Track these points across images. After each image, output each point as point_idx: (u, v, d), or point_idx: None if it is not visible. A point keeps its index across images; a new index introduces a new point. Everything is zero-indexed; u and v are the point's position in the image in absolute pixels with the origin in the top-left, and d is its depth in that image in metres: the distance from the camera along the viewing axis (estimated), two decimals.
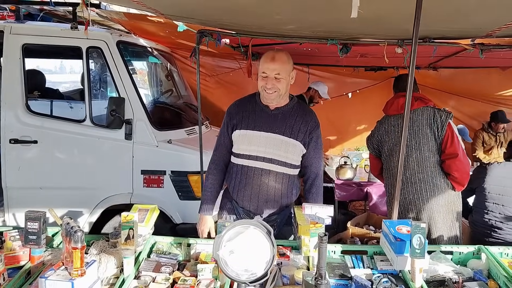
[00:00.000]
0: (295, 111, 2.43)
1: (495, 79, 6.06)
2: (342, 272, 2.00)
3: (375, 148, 3.28)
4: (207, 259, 2.11)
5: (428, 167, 2.93)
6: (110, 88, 4.08)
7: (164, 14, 3.04)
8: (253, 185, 2.41)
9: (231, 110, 2.50)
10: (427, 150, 2.95)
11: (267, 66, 2.30)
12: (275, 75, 2.29)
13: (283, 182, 2.42)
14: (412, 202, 2.96)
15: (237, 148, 2.45)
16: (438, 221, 2.92)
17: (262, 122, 2.39)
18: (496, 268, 2.00)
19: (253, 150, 2.38)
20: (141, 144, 3.57)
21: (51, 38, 3.60)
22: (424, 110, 3.00)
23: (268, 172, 2.38)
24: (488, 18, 2.48)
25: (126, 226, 1.93)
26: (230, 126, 2.45)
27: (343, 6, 1.98)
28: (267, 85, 2.30)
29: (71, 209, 3.60)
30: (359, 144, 6.78)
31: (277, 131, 2.37)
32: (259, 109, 2.42)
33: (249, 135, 2.39)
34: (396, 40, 3.26)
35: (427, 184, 2.92)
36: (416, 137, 2.97)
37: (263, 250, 1.23)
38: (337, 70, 6.40)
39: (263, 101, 2.41)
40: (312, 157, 2.46)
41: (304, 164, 2.48)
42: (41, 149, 3.56)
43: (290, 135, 2.37)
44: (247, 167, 2.41)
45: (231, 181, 2.50)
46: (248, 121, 2.40)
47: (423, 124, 2.97)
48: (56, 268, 1.73)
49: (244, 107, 2.46)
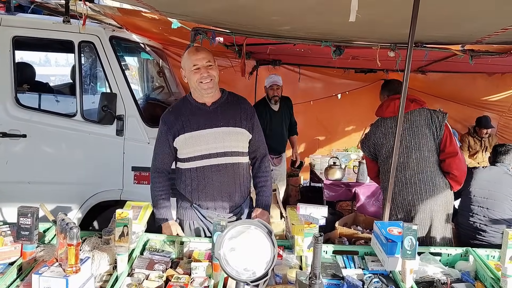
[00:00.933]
0: (230, 101, 2.47)
1: (481, 84, 6.20)
2: (334, 272, 2.03)
3: (371, 152, 3.28)
4: (200, 257, 2.12)
5: (428, 167, 2.96)
6: (101, 83, 4.04)
7: (159, 11, 3.04)
8: (214, 183, 2.39)
9: (168, 118, 2.44)
10: (427, 151, 2.98)
11: (196, 58, 2.32)
12: (206, 63, 2.32)
13: (240, 172, 2.46)
14: (411, 202, 2.97)
15: (185, 153, 2.41)
16: (435, 221, 2.96)
17: (204, 120, 2.38)
18: (483, 270, 2.05)
19: (204, 149, 2.37)
20: (132, 140, 3.55)
21: (42, 31, 3.54)
22: (421, 112, 3.04)
23: (225, 166, 2.40)
24: (479, 25, 2.54)
25: (120, 223, 1.92)
26: (171, 134, 2.39)
27: (340, 10, 2.01)
28: (203, 74, 2.30)
29: (60, 204, 3.56)
30: (348, 145, 6.86)
31: (221, 124, 2.39)
32: (196, 109, 2.41)
33: (196, 136, 2.37)
34: (389, 44, 3.31)
35: (427, 184, 2.95)
36: (416, 137, 2.99)
37: (264, 250, 1.25)
38: (328, 71, 6.46)
39: (201, 98, 2.40)
40: (258, 140, 2.53)
41: (252, 149, 2.53)
42: (30, 143, 3.51)
43: (234, 124, 2.41)
44: (202, 167, 2.39)
45: (185, 186, 2.45)
46: (189, 123, 2.38)
47: (422, 125, 3.00)
48: (50, 264, 1.72)
49: (180, 111, 2.43)
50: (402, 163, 2.99)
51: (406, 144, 3.00)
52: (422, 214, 2.95)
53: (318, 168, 5.55)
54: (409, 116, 3.02)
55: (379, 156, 3.20)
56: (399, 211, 3.00)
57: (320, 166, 5.50)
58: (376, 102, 7.56)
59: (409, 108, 3.00)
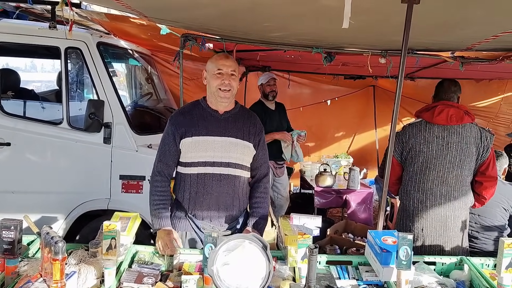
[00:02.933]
0: (241, 114, 2.43)
1: (469, 90, 6.24)
2: (328, 283, 1.99)
3: (403, 155, 2.94)
4: (190, 269, 2.06)
5: (464, 186, 2.79)
6: (88, 90, 3.97)
7: (148, 17, 2.99)
8: (212, 192, 2.33)
9: (176, 118, 2.38)
10: (467, 169, 2.78)
11: (223, 63, 2.28)
12: (231, 71, 2.28)
13: (240, 186, 2.40)
14: (443, 219, 2.77)
15: (189, 157, 2.33)
16: (456, 237, 2.81)
17: (213, 127, 2.33)
18: (478, 279, 2.03)
19: (209, 156, 2.31)
20: (120, 148, 3.48)
21: (28, 37, 3.47)
22: (472, 128, 2.79)
23: (227, 177, 2.34)
24: (470, 32, 2.54)
25: (108, 236, 1.85)
26: (178, 135, 2.32)
27: (333, 17, 1.99)
28: (224, 81, 2.26)
29: (45, 214, 3.47)
30: (338, 151, 6.85)
31: (230, 134, 2.34)
32: (207, 115, 2.36)
33: (203, 141, 2.31)
34: (380, 51, 3.30)
35: (460, 202, 2.78)
36: (462, 155, 2.76)
37: (259, 266, 1.20)
38: (317, 77, 6.45)
39: (214, 104, 2.36)
40: (261, 158, 2.47)
41: (255, 166, 2.47)
42: (14, 151, 3.42)
43: (242, 137, 2.36)
44: (204, 174, 2.32)
45: (183, 193, 2.37)
46: (198, 127, 2.32)
47: (471, 143, 2.77)
48: (34, 280, 1.66)
49: (191, 114, 2.37)
50: (441, 177, 2.77)
51: (449, 159, 2.76)
52: (453, 231, 2.78)
53: (309, 175, 5.52)
54: (460, 130, 2.77)
55: (412, 164, 2.87)
56: (426, 225, 2.80)
57: (311, 172, 5.47)
58: (365, 108, 7.59)
59: (462, 121, 2.76)
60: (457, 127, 2.77)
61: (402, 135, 2.93)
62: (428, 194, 2.79)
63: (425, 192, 2.81)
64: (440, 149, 2.78)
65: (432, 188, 2.78)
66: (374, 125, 6.98)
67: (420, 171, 2.83)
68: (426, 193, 2.80)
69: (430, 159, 2.80)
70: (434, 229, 2.79)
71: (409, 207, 2.88)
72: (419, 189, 2.83)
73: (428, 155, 2.80)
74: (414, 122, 2.94)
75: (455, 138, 2.76)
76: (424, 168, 2.82)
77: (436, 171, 2.78)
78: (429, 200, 2.79)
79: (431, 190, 2.79)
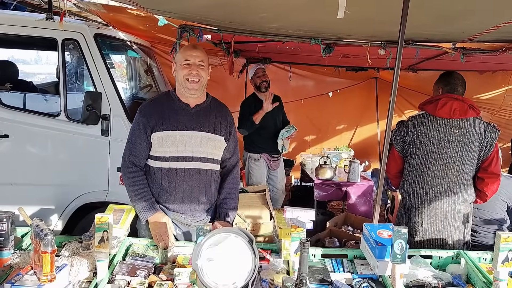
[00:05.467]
0: (213, 107, 2.40)
1: (472, 82, 6.14)
2: (322, 276, 1.97)
3: (404, 148, 2.89)
4: (184, 262, 2.06)
5: (465, 181, 2.73)
6: (86, 82, 3.94)
7: (145, 8, 2.95)
8: (185, 186, 2.31)
9: (147, 110, 2.31)
10: (469, 165, 2.72)
11: (190, 53, 2.25)
12: (199, 61, 2.25)
13: (212, 179, 2.39)
14: (443, 214, 2.73)
15: (160, 151, 2.30)
16: (457, 232, 2.77)
17: (185, 121, 2.30)
18: (474, 273, 2.01)
19: (181, 150, 2.28)
20: (118, 140, 3.45)
21: (25, 28, 3.44)
22: (476, 122, 2.72)
23: (198, 171, 2.32)
24: (471, 23, 2.50)
25: (100, 228, 1.84)
26: (149, 127, 2.27)
27: (329, 7, 1.95)
28: (192, 71, 2.23)
29: (43, 206, 3.47)
30: (339, 144, 6.82)
31: (202, 128, 2.32)
32: (178, 108, 2.32)
33: (174, 136, 2.27)
34: (380, 42, 3.25)
35: (460, 197, 2.73)
36: (464, 149, 2.70)
37: (245, 260, 1.18)
38: (318, 69, 6.39)
39: (185, 97, 2.32)
40: (232, 149, 2.47)
41: (225, 157, 2.46)
42: (12, 143, 3.41)
43: (214, 131, 2.35)
44: (176, 169, 2.29)
45: (153, 186, 2.34)
46: (169, 121, 2.27)
47: (474, 137, 2.70)
48: (24, 272, 1.65)
49: (161, 106, 2.32)
50: (441, 171, 2.72)
51: (451, 153, 2.71)
52: (453, 226, 2.74)
53: (309, 167, 5.49)
54: (463, 124, 2.70)
55: (413, 157, 2.83)
56: (426, 219, 2.76)
57: (311, 165, 5.44)
58: (368, 101, 7.53)
59: (466, 115, 2.69)
60: (460, 121, 2.71)
61: (404, 127, 2.88)
62: (428, 188, 2.75)
63: (425, 186, 2.77)
64: (441, 143, 2.73)
65: (432, 183, 2.75)
66: (376, 117, 6.92)
67: (420, 165, 2.79)
68: (426, 187, 2.76)
69: (431, 152, 2.75)
70: (434, 224, 2.75)
71: (409, 201, 2.84)
72: (419, 183, 2.79)
73: (428, 149, 2.76)
74: (417, 114, 2.88)
75: (457, 132, 2.70)
76: (425, 162, 2.77)
77: (436, 165, 2.74)
78: (429, 194, 2.75)
79: (431, 184, 2.75)
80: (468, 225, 2.82)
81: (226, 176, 2.49)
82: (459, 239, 2.77)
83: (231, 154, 2.47)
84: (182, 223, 2.38)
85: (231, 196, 2.45)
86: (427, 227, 2.76)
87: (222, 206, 2.43)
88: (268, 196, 3.72)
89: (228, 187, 2.46)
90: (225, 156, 2.45)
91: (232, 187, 2.47)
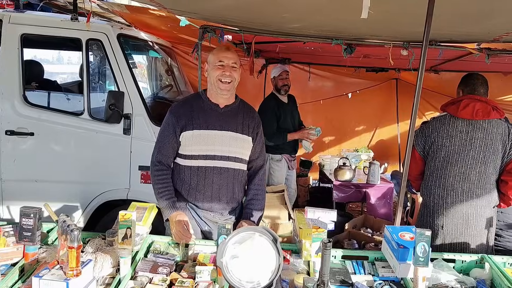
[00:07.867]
0: (241, 108, 2.44)
1: (496, 84, 6.03)
2: (343, 278, 1.96)
3: (425, 149, 2.85)
4: (205, 260, 2.07)
5: (488, 184, 2.68)
6: (109, 82, 4.01)
7: (167, 8, 2.99)
8: (213, 185, 2.34)
9: (177, 110, 2.37)
10: (492, 167, 2.67)
11: (224, 55, 2.28)
12: (232, 63, 2.28)
13: (239, 179, 2.42)
14: (464, 216, 2.69)
15: (189, 149, 2.34)
16: (479, 236, 2.72)
17: (214, 121, 2.33)
18: (499, 278, 1.97)
19: (210, 149, 2.32)
20: (140, 139, 3.51)
21: (50, 28, 3.52)
22: (499, 124, 2.67)
23: (227, 170, 2.35)
24: (497, 22, 2.45)
25: (123, 225, 1.87)
26: (178, 127, 2.32)
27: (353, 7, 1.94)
28: (225, 72, 2.26)
29: (66, 203, 3.54)
30: (358, 145, 6.75)
31: (230, 128, 2.35)
32: (208, 108, 2.36)
33: (204, 135, 2.32)
34: (402, 42, 3.22)
35: (483, 200, 2.68)
36: (486, 151, 2.65)
37: (269, 258, 1.18)
38: (338, 69, 6.36)
39: (215, 98, 2.36)
40: (258, 151, 2.49)
41: (252, 158, 2.49)
42: (37, 141, 3.49)
43: (242, 131, 2.38)
44: (204, 167, 2.33)
45: (183, 185, 2.38)
46: (199, 120, 2.32)
47: (497, 139, 2.65)
48: (51, 267, 1.69)
49: (191, 107, 2.37)
50: (463, 173, 2.68)
51: (472, 155, 2.67)
52: (475, 230, 2.69)
53: (328, 168, 5.46)
54: (485, 125, 2.66)
55: (434, 158, 2.79)
56: (446, 222, 2.71)
57: (330, 166, 5.42)
58: (388, 102, 7.45)
59: (489, 116, 2.66)
60: (483, 122, 2.66)
61: (425, 128, 2.85)
62: (449, 190, 2.71)
63: (446, 188, 2.72)
64: (462, 144, 2.69)
65: (453, 184, 2.70)
66: (396, 119, 6.85)
67: (441, 166, 2.75)
68: (447, 189, 2.72)
69: (452, 154, 2.71)
70: (455, 226, 2.70)
71: (429, 203, 2.80)
72: (440, 184, 2.75)
73: (450, 150, 2.72)
74: (439, 115, 2.84)
75: (480, 133, 2.66)
76: (446, 163, 2.73)
77: (458, 166, 2.70)
78: (450, 197, 2.71)
79: (452, 186, 2.70)
80: (491, 229, 2.76)
81: (252, 177, 2.51)
82: (481, 243, 2.71)
83: (257, 155, 2.50)
84: (212, 221, 2.42)
85: (257, 197, 2.47)
86: (447, 230, 2.72)
87: (248, 207, 2.45)
88: (286, 196, 3.72)
89: (255, 189, 2.49)
90: (252, 157, 2.48)
91: (258, 189, 2.49)
